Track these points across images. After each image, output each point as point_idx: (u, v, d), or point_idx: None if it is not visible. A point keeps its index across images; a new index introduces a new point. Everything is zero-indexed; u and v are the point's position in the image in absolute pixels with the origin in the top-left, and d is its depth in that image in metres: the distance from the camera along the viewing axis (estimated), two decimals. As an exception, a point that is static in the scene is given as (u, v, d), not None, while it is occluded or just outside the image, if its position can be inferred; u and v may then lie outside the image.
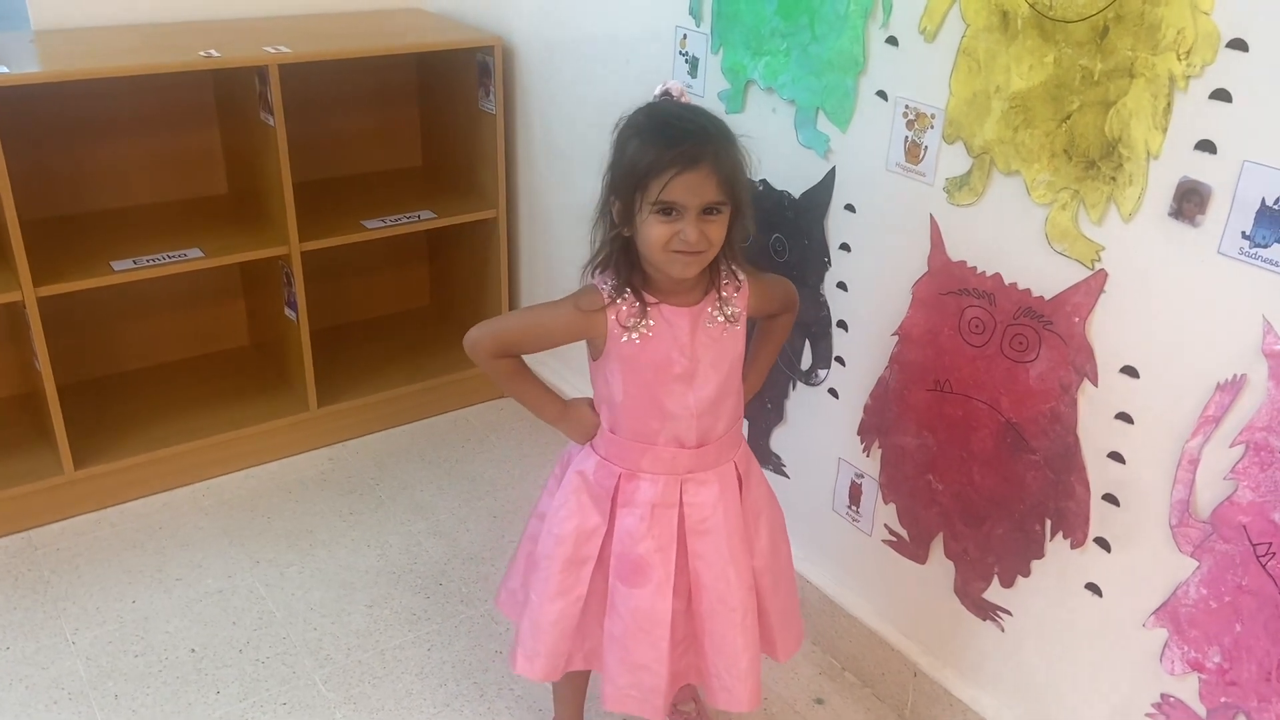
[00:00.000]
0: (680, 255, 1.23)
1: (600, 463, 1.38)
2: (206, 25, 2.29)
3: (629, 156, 1.24)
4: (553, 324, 1.35)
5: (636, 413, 1.34)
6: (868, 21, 1.51)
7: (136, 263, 2.10)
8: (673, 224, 1.22)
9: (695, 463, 1.36)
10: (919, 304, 1.55)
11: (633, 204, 1.23)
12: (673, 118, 1.25)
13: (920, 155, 1.49)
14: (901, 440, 1.63)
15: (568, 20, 2.15)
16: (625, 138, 1.26)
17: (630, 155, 1.24)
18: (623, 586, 1.38)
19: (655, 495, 1.36)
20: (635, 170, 1.22)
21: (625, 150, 1.25)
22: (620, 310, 1.29)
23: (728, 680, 1.41)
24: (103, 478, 2.17)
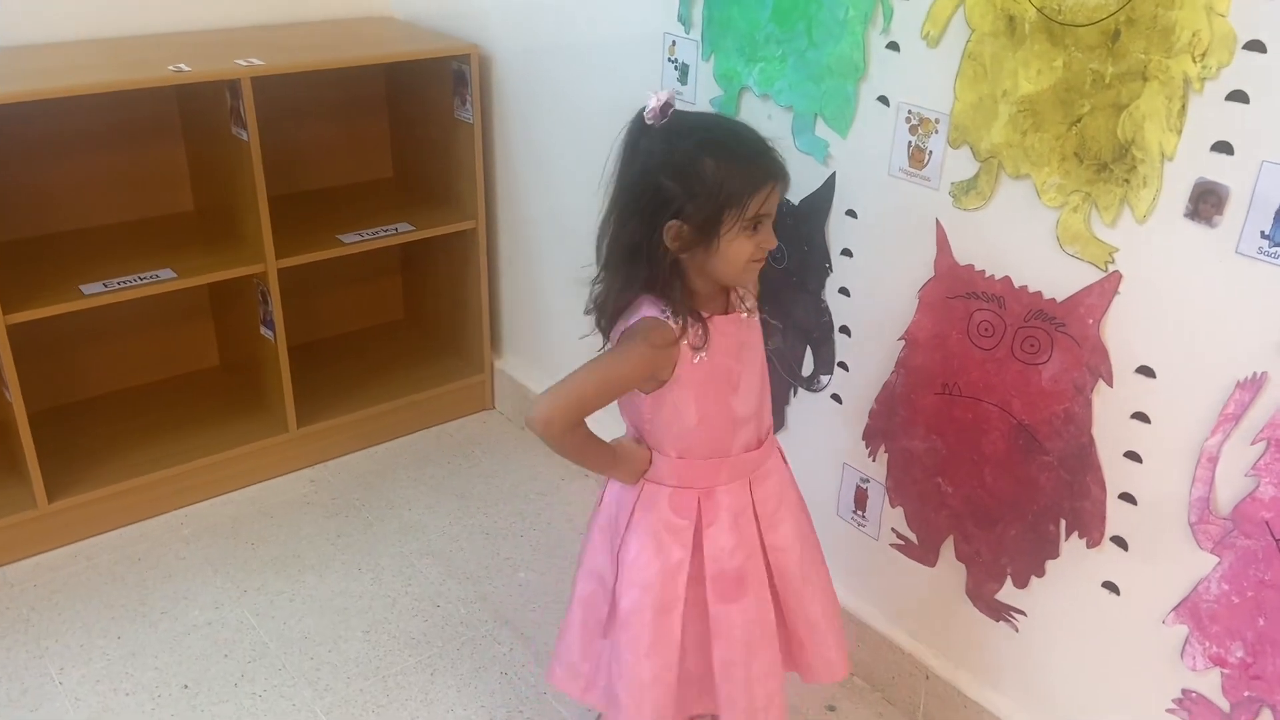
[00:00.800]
0: (757, 264, 1.26)
1: (674, 493, 1.33)
2: (171, 38, 2.22)
3: (714, 177, 1.19)
4: (629, 373, 1.27)
5: (713, 431, 1.31)
6: (868, 27, 1.50)
7: (107, 285, 2.03)
8: (756, 235, 1.23)
9: (760, 459, 1.37)
10: (925, 308, 1.55)
11: (718, 224, 1.20)
12: (744, 131, 1.27)
13: (925, 160, 1.49)
14: (909, 444, 1.63)
15: (548, 27, 2.12)
16: (693, 158, 1.20)
17: (715, 176, 1.19)
18: (725, 606, 1.35)
19: (735, 504, 1.35)
20: (725, 190, 1.19)
21: (703, 172, 1.19)
22: (693, 339, 1.25)
23: (825, 651, 1.45)
24: (77, 509, 2.09)
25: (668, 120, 1.22)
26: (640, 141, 1.24)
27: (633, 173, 1.24)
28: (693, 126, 1.24)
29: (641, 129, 1.24)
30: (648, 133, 1.23)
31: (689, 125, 1.24)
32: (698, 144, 1.21)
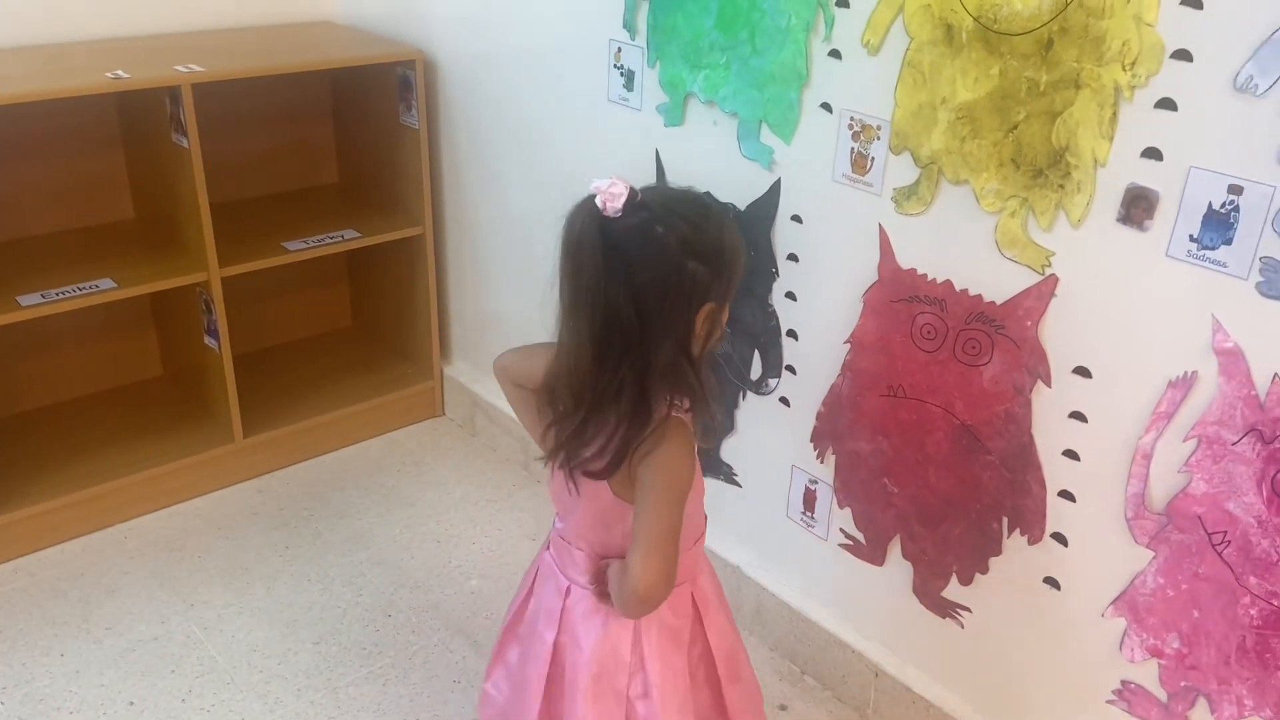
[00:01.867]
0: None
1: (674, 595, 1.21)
2: (107, 44, 2.18)
3: (729, 246, 1.11)
4: (689, 486, 1.16)
5: (698, 517, 1.28)
6: (810, 35, 1.52)
7: (45, 297, 1.99)
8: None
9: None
10: (870, 311, 1.58)
11: (729, 298, 1.13)
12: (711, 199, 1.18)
13: (867, 166, 1.51)
14: (856, 445, 1.66)
15: (494, 33, 2.12)
16: (712, 231, 1.10)
17: (731, 244, 1.12)
18: (733, 685, 1.35)
19: (712, 584, 1.33)
20: (737, 262, 1.12)
21: (724, 245, 1.10)
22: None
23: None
24: (16, 525, 2.05)
25: (641, 204, 1.07)
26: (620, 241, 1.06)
27: (647, 273, 1.06)
28: (682, 202, 1.12)
29: (609, 228, 1.06)
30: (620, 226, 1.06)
31: (675, 201, 1.12)
32: (709, 216, 1.11)
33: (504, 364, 1.37)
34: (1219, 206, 1.16)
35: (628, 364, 1.08)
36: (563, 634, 1.27)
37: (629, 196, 1.06)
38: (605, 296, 1.06)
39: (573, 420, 1.14)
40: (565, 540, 1.27)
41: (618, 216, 1.06)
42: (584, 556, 1.25)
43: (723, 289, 1.12)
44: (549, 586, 1.30)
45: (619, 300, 1.06)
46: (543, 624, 1.30)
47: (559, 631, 1.27)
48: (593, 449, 1.14)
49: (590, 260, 1.06)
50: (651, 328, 1.07)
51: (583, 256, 1.06)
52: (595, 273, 1.06)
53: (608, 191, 1.05)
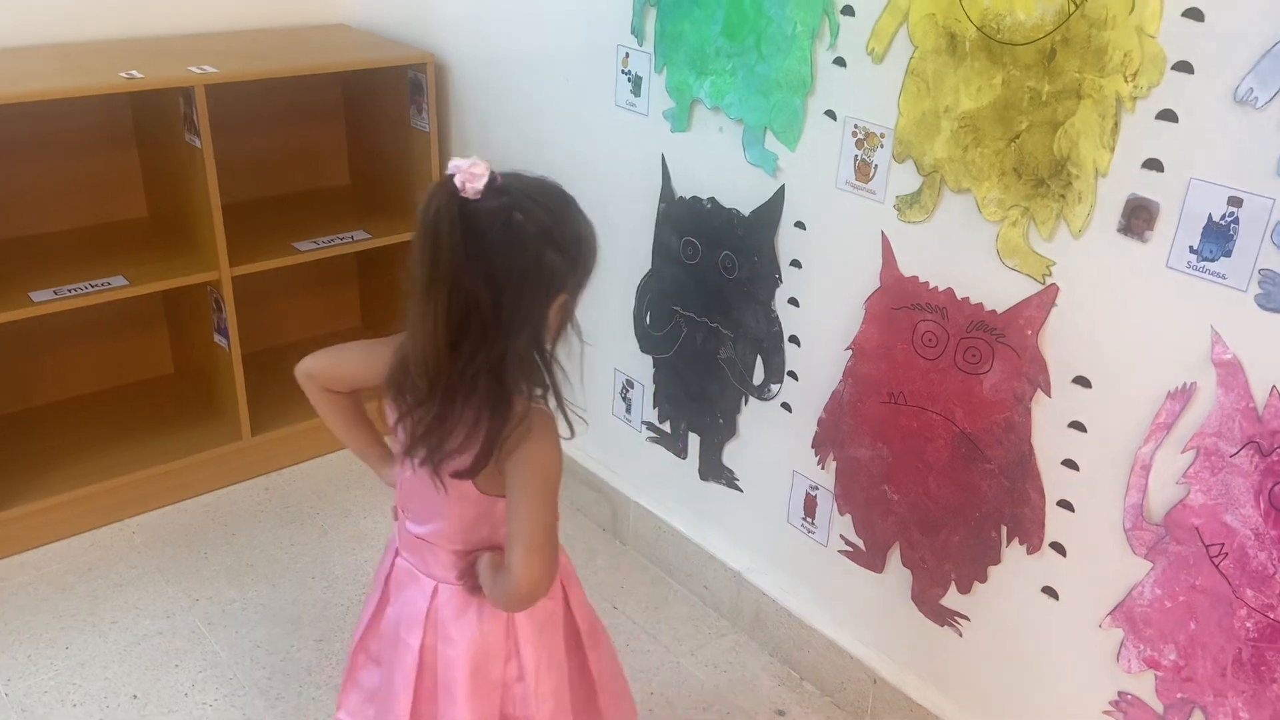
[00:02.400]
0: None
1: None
2: (123, 44, 2.20)
3: (585, 237, 1.10)
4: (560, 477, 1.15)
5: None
6: (815, 43, 1.53)
7: (57, 293, 2.01)
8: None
9: None
10: (872, 318, 1.58)
11: (583, 287, 1.13)
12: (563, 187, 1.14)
13: (870, 174, 1.52)
14: (856, 452, 1.66)
15: (504, 37, 2.13)
16: (568, 220, 1.09)
17: (587, 235, 1.11)
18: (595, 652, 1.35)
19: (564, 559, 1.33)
20: (592, 254, 1.12)
21: (581, 235, 1.10)
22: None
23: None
24: (26, 518, 2.07)
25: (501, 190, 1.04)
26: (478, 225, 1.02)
27: (505, 259, 1.03)
28: (541, 190, 1.09)
29: (468, 210, 1.02)
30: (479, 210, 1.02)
31: (534, 189, 1.08)
32: (566, 206, 1.10)
33: (310, 369, 1.30)
34: (1219, 218, 1.16)
35: (483, 352, 1.05)
36: (429, 635, 1.23)
37: (489, 179, 1.02)
38: (462, 281, 1.02)
39: (427, 412, 1.10)
40: (427, 541, 1.22)
41: (477, 199, 1.02)
42: (450, 554, 1.21)
43: (577, 281, 1.11)
44: (410, 591, 1.25)
45: (476, 286, 1.03)
46: (405, 630, 1.25)
47: (425, 633, 1.23)
48: (454, 443, 1.10)
49: (448, 242, 1.01)
50: (508, 316, 1.05)
51: (440, 238, 1.01)
52: (453, 256, 1.02)
53: (468, 172, 1.01)
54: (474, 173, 1.01)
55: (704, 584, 2.01)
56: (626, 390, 2.08)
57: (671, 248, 1.87)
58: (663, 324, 1.94)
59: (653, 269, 1.93)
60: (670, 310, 1.91)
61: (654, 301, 1.95)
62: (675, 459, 2.01)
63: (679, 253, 1.85)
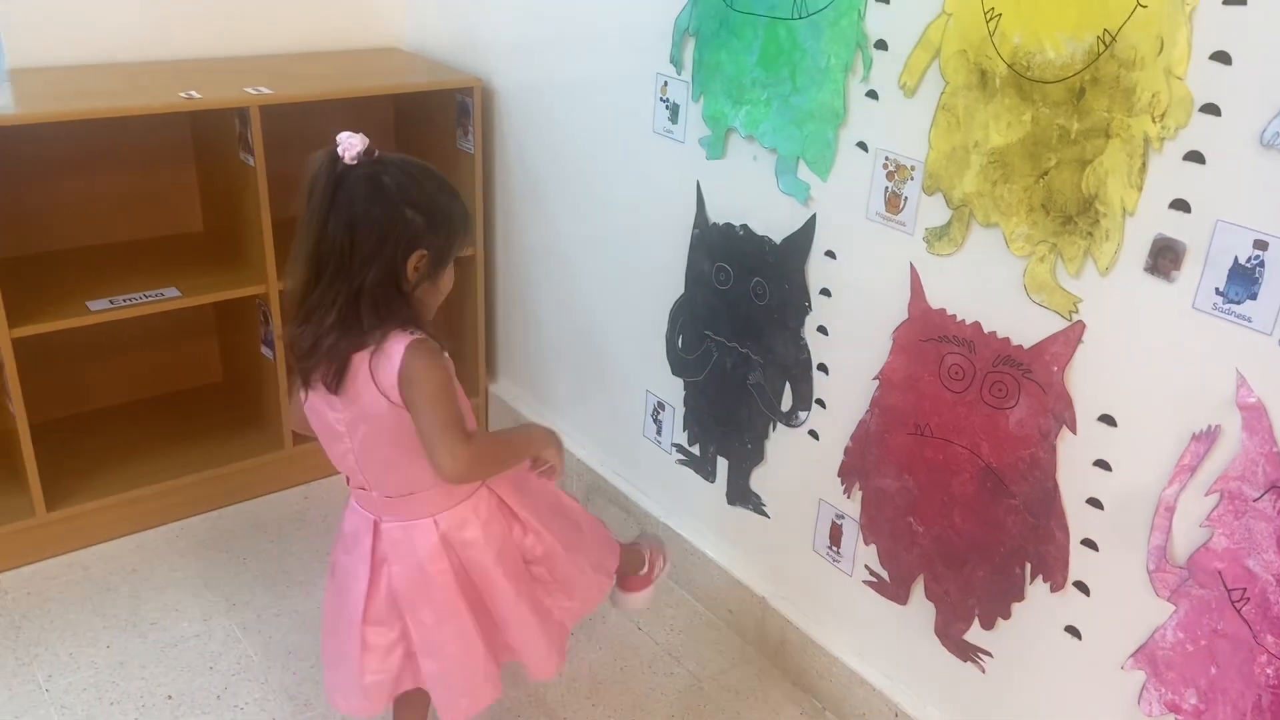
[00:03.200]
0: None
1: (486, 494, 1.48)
2: (184, 65, 2.29)
3: (449, 212, 1.33)
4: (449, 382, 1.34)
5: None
6: (848, 75, 1.55)
7: (113, 303, 2.09)
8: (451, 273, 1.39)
9: None
10: (899, 349, 1.58)
11: (448, 256, 1.35)
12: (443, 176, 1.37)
13: (900, 205, 1.53)
14: (882, 482, 1.66)
15: (548, 64, 2.17)
16: (433, 192, 1.32)
17: (450, 211, 1.33)
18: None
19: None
20: (454, 225, 1.33)
21: (441, 205, 1.32)
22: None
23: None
24: (75, 519, 2.14)
25: (376, 160, 1.28)
26: (349, 183, 1.26)
27: (366, 209, 1.26)
28: (412, 165, 1.33)
29: (342, 171, 1.26)
30: (354, 173, 1.26)
31: (408, 163, 1.32)
32: (435, 182, 1.33)
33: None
34: (1245, 261, 1.16)
35: (340, 283, 1.27)
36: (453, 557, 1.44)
37: (365, 149, 1.26)
38: (325, 223, 1.26)
39: (299, 333, 1.32)
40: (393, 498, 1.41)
41: (353, 164, 1.26)
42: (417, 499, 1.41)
43: (439, 243, 1.32)
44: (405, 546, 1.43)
45: (336, 229, 1.26)
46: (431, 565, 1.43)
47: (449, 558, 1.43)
48: (317, 359, 1.31)
49: (321, 192, 1.26)
50: (363, 256, 1.26)
51: (315, 190, 1.27)
52: (320, 202, 1.26)
53: (347, 142, 1.26)
54: (351, 143, 1.26)
55: (729, 609, 2.02)
56: (658, 412, 2.10)
57: (704, 272, 1.89)
58: (694, 347, 1.96)
59: (686, 293, 1.95)
60: (702, 334, 1.93)
61: (686, 325, 1.97)
62: (704, 482, 2.03)
63: (712, 278, 1.87)
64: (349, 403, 1.34)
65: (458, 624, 1.46)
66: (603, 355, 1.65)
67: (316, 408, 1.39)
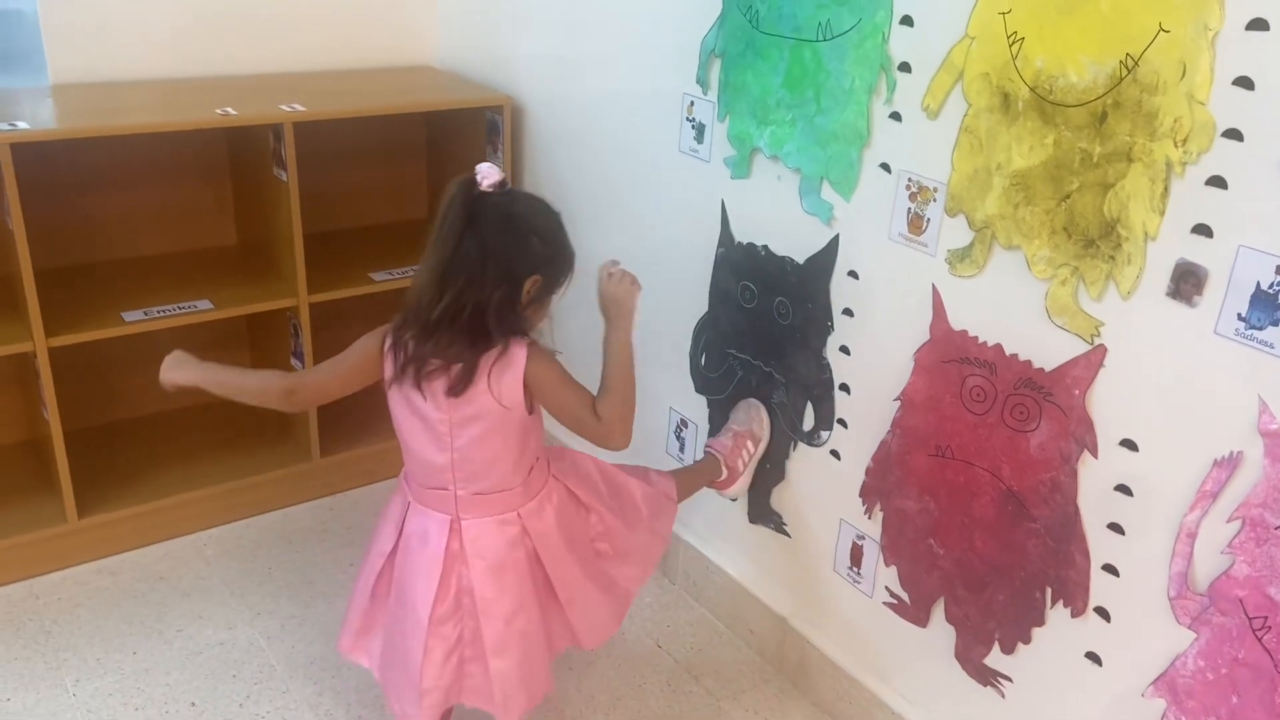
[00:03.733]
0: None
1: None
2: (220, 81, 2.33)
3: (565, 246, 1.50)
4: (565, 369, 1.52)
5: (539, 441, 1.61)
6: (872, 97, 1.55)
7: (147, 314, 2.13)
8: None
9: None
10: (921, 370, 1.58)
11: (556, 287, 1.51)
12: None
13: (923, 227, 1.53)
14: (903, 504, 1.66)
15: (576, 82, 2.20)
16: (555, 228, 1.49)
17: (566, 246, 1.50)
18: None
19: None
20: (567, 258, 1.51)
21: (560, 240, 1.49)
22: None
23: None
24: (105, 527, 2.18)
25: (507, 192, 1.44)
26: (484, 208, 1.40)
27: (497, 233, 1.41)
28: (537, 201, 1.50)
29: (478, 197, 1.41)
30: (489, 199, 1.41)
31: (534, 199, 1.50)
32: (555, 219, 1.50)
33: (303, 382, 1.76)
34: (1267, 287, 1.15)
35: (468, 293, 1.40)
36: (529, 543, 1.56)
37: (499, 180, 1.42)
38: (459, 243, 1.39)
39: (419, 337, 1.44)
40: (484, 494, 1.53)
41: (488, 192, 1.41)
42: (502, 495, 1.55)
43: (553, 271, 1.48)
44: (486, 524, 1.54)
45: (470, 249, 1.39)
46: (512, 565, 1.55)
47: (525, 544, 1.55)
48: (436, 365, 1.44)
49: (456, 215, 1.40)
50: (491, 274, 1.40)
51: (450, 211, 1.41)
52: (455, 224, 1.40)
53: (485, 172, 1.42)
54: (489, 173, 1.42)
55: (749, 628, 2.02)
56: (680, 430, 2.11)
57: (728, 291, 1.90)
58: (717, 366, 1.97)
59: (709, 311, 1.96)
60: (725, 353, 1.94)
61: (710, 343, 1.98)
62: (725, 500, 2.03)
63: (735, 297, 1.88)
64: (462, 404, 1.45)
65: (527, 617, 1.56)
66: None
67: (416, 406, 1.48)
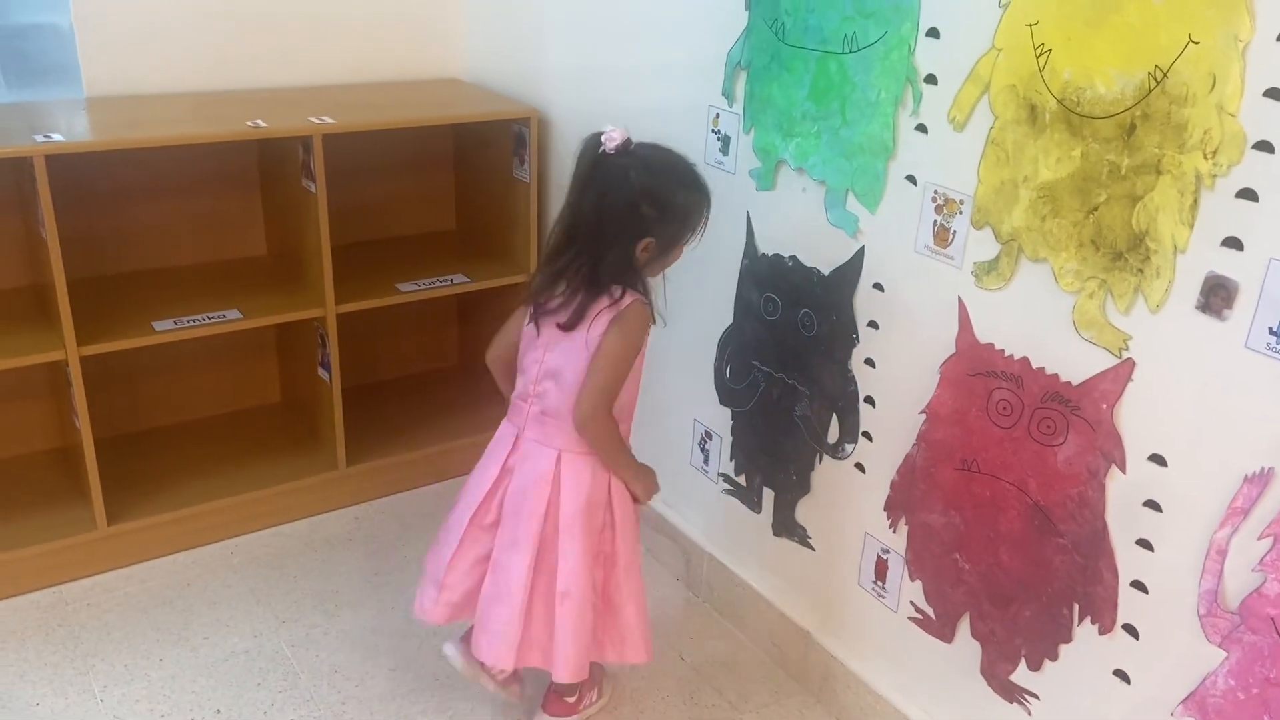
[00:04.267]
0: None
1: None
2: (252, 94, 2.36)
3: (682, 206, 1.54)
4: (636, 354, 1.58)
5: (633, 398, 1.64)
6: (898, 109, 1.55)
7: (177, 323, 2.15)
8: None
9: None
10: (947, 383, 1.57)
11: (677, 244, 1.57)
12: (691, 170, 1.57)
13: (949, 239, 1.52)
14: (928, 518, 1.64)
15: (602, 94, 2.21)
16: (671, 188, 1.53)
17: (683, 205, 1.54)
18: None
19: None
20: (684, 219, 1.55)
21: (676, 202, 1.53)
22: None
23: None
24: (135, 534, 2.20)
25: (629, 153, 1.49)
26: (603, 170, 1.49)
27: (610, 198, 1.49)
28: (658, 161, 1.53)
29: (600, 158, 1.49)
30: (610, 161, 1.48)
31: (655, 159, 1.52)
32: (675, 176, 1.54)
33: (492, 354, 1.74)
34: (1299, 300, 1.13)
35: (586, 252, 1.52)
36: (554, 492, 1.61)
37: (623, 144, 1.49)
38: (580, 202, 1.52)
39: (544, 281, 1.57)
40: (552, 415, 1.59)
41: (611, 154, 1.48)
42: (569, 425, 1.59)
43: (668, 233, 1.54)
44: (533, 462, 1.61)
45: (588, 209, 1.51)
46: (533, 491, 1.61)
47: (550, 491, 1.61)
48: (554, 303, 1.55)
49: (583, 175, 1.51)
50: (604, 235, 1.50)
51: (579, 170, 1.52)
52: (579, 183, 1.52)
53: (610, 135, 1.49)
54: (613, 136, 1.49)
55: (773, 641, 2.01)
56: (705, 441, 2.10)
57: (753, 303, 1.90)
58: (742, 377, 1.97)
59: (734, 323, 1.96)
60: (750, 364, 1.94)
61: (734, 355, 1.98)
62: (749, 512, 2.02)
63: (760, 308, 1.88)
64: (564, 339, 1.56)
65: (521, 558, 1.61)
66: (651, 382, 1.68)
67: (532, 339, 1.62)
